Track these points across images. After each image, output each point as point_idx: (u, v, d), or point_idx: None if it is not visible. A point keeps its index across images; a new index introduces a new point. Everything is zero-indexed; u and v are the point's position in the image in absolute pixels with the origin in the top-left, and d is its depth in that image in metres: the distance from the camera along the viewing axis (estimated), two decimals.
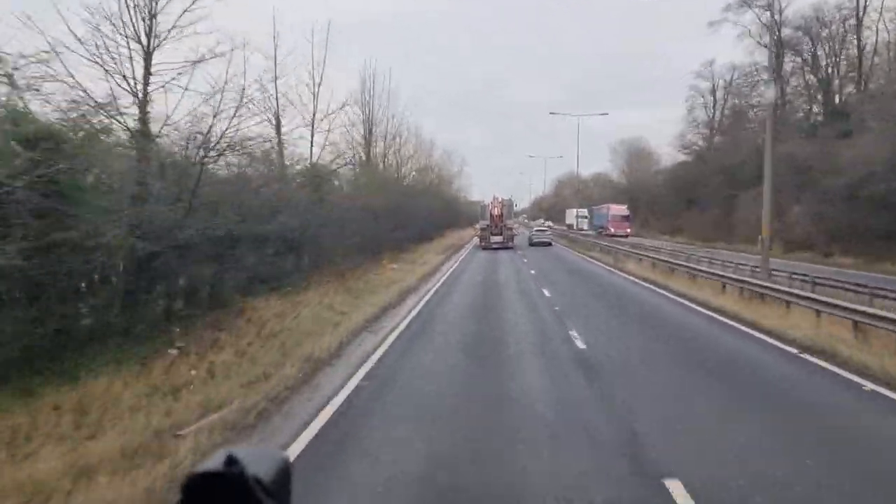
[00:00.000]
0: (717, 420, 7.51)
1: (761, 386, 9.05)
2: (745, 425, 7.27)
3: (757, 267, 20.64)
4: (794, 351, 11.32)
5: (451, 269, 30.22)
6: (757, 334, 13.08)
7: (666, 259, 28.31)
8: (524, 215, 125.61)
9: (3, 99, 10.44)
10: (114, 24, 13.20)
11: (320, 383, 9.21)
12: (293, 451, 6.27)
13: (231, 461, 0.89)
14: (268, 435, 6.96)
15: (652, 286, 22.72)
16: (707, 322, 15.10)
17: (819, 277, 17.71)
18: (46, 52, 10.88)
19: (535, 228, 63.37)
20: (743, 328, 13.87)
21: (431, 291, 20.98)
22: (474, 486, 5.49)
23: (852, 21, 48.55)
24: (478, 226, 51.09)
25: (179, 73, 13.72)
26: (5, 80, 10.20)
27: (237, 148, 16.02)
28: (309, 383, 9.16)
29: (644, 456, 6.11)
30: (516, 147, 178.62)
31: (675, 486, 5.30)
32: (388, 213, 32.24)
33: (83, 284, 11.46)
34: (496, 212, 46.10)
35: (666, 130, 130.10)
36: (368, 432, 6.91)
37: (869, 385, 8.93)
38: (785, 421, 7.42)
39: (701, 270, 23.00)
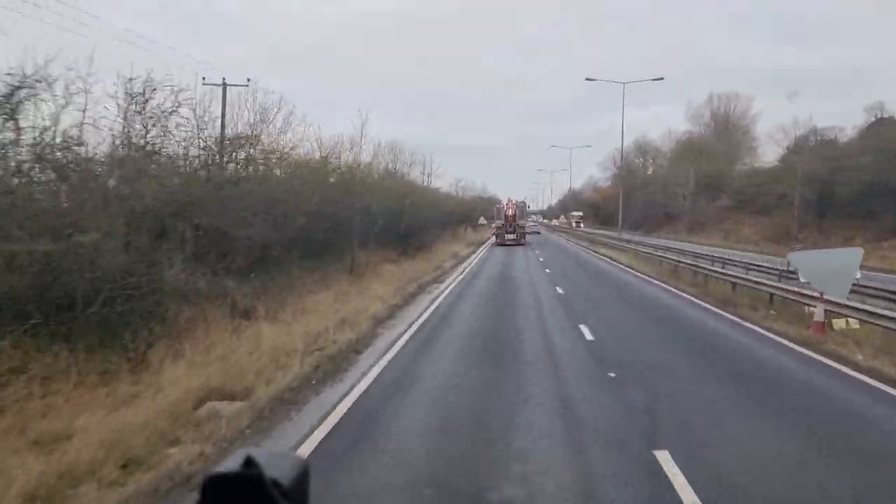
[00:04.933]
0: None
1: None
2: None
3: None
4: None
5: None
6: None
7: None
8: (569, 214, 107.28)
9: None
10: None
11: None
12: None
13: (249, 463, 0.89)
14: None
15: None
16: None
17: None
18: None
19: (529, 224, 71.52)
20: None
21: None
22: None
23: None
24: (493, 225, 57.51)
25: None
26: None
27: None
28: None
29: None
30: (528, 144, 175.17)
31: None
32: None
33: None
34: (510, 213, 50.74)
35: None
36: None
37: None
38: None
39: None
